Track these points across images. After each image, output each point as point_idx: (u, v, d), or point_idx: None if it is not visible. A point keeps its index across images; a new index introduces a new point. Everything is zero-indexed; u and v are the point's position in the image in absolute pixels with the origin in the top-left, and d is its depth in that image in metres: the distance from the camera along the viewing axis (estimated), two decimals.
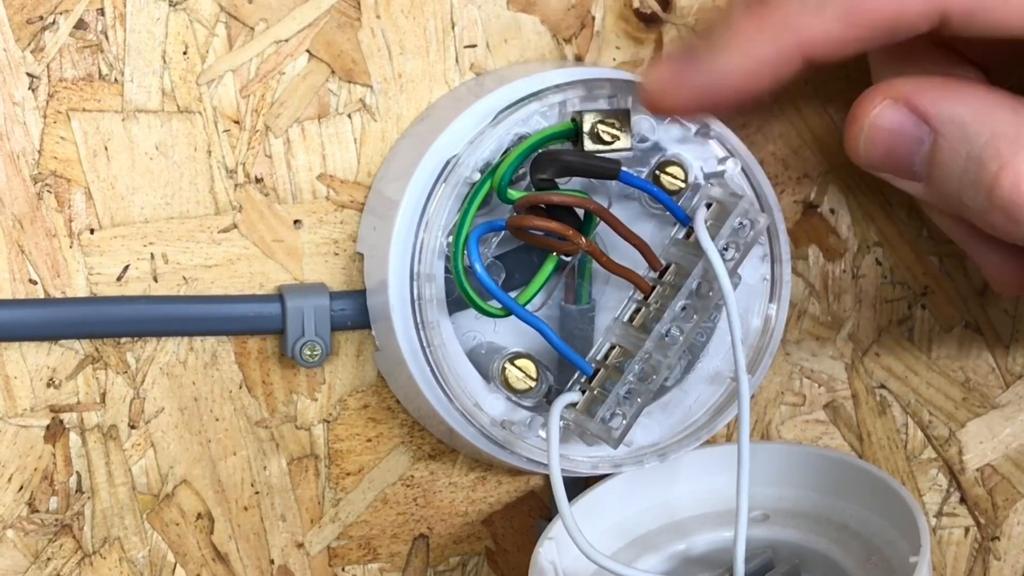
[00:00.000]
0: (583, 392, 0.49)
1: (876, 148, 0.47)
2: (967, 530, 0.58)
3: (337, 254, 0.51)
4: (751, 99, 0.46)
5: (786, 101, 0.54)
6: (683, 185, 0.50)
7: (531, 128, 0.48)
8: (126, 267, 0.50)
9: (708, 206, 0.49)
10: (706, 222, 0.48)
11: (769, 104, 0.54)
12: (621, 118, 0.48)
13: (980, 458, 0.58)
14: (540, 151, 0.48)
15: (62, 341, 0.50)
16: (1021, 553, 0.59)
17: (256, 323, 0.50)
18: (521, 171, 0.48)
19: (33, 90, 0.48)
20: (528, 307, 0.48)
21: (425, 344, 0.48)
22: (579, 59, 0.52)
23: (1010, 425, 0.58)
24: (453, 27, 0.51)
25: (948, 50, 0.47)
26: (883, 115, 0.46)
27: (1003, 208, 0.44)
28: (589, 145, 0.48)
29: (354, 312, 0.51)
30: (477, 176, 0.48)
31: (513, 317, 0.48)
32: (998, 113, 0.44)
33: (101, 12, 0.48)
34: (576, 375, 0.50)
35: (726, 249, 0.48)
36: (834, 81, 0.54)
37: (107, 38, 0.49)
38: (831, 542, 0.52)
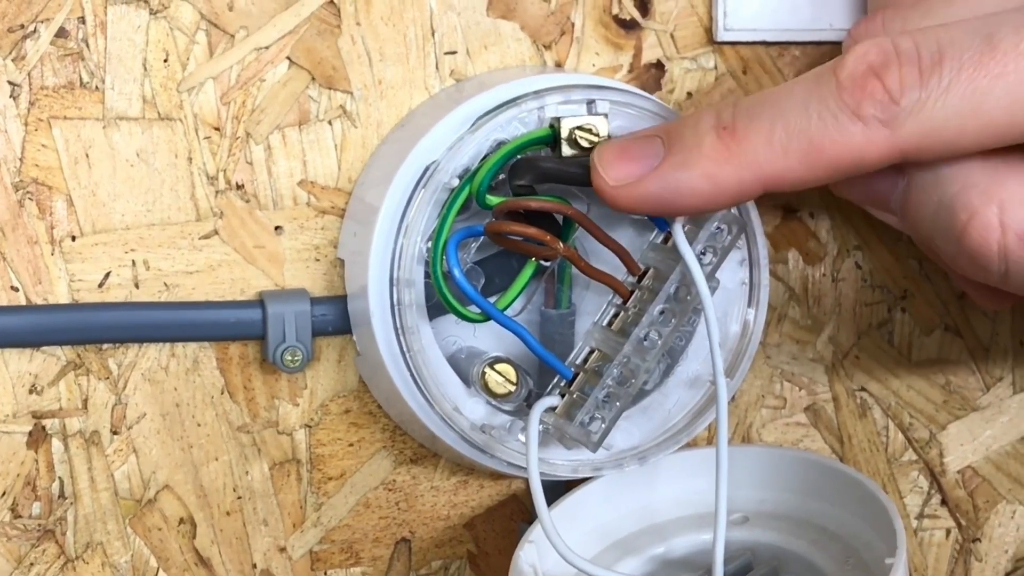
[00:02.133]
0: (563, 396, 0.49)
1: (854, 187, 0.48)
2: (948, 532, 0.59)
3: (318, 260, 0.52)
4: (704, 214, 0.48)
5: None
6: None
7: (510, 134, 0.48)
8: (107, 274, 0.50)
9: None
10: (684, 227, 0.48)
11: None
12: (599, 124, 0.48)
13: (961, 460, 0.58)
14: (519, 157, 0.48)
15: (44, 347, 0.50)
16: (1002, 555, 0.59)
17: (237, 329, 0.50)
18: (500, 177, 0.48)
19: (14, 98, 0.49)
20: (508, 312, 0.48)
21: (405, 349, 0.49)
22: (559, 65, 0.52)
23: (990, 427, 0.58)
24: (433, 34, 0.51)
25: None
26: None
27: (971, 256, 0.45)
28: (567, 151, 0.48)
29: (335, 318, 0.51)
30: (456, 182, 0.48)
31: (493, 322, 0.48)
32: (970, 162, 0.45)
33: (82, 20, 0.49)
34: (556, 379, 0.50)
35: (703, 254, 0.49)
36: None
37: (88, 46, 0.49)
38: (810, 544, 0.52)
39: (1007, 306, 0.54)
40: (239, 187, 0.51)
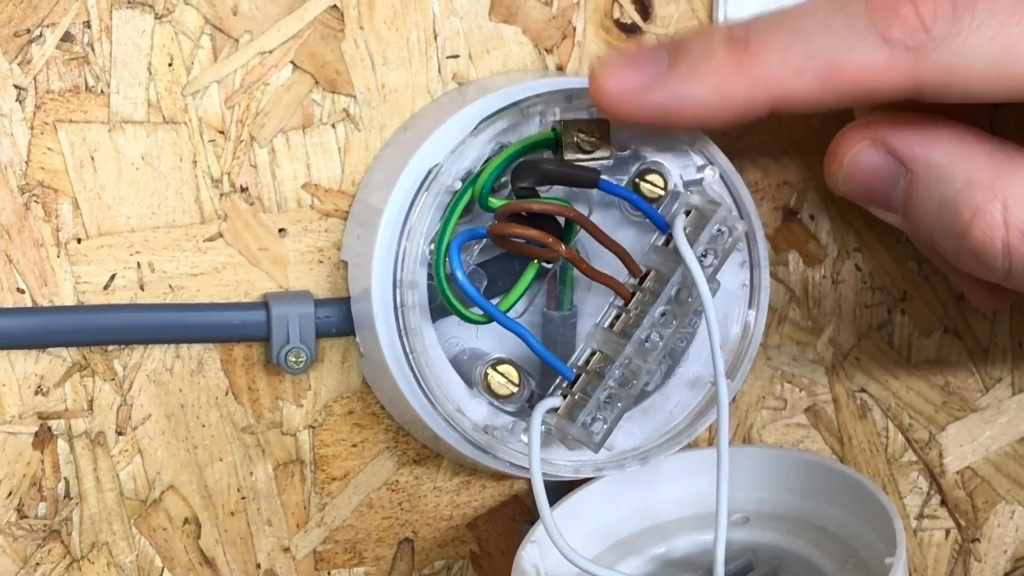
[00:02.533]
0: (565, 397, 0.49)
1: (855, 184, 0.48)
2: (948, 532, 0.59)
3: (322, 262, 0.52)
4: (705, 129, 0.47)
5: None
6: (662, 193, 0.50)
7: (512, 137, 0.49)
8: (113, 276, 0.50)
9: (687, 213, 0.49)
10: (685, 229, 0.49)
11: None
12: (601, 127, 0.49)
13: (960, 461, 0.58)
14: (521, 160, 0.48)
15: (50, 349, 0.50)
16: (1001, 555, 0.59)
17: (242, 330, 0.51)
18: (502, 180, 0.49)
19: (20, 102, 0.49)
20: (510, 313, 0.49)
21: (408, 351, 0.49)
22: (560, 69, 0.53)
23: (990, 428, 0.58)
24: (435, 38, 0.52)
25: None
26: (861, 155, 0.47)
27: (974, 253, 0.45)
28: (569, 154, 0.48)
29: (339, 319, 0.51)
30: (459, 185, 0.48)
31: (495, 324, 0.48)
32: (973, 158, 0.45)
33: (87, 25, 0.49)
34: (558, 380, 0.50)
35: (704, 256, 0.49)
36: None
37: (93, 50, 0.49)
38: (810, 544, 0.52)
39: (1006, 305, 0.54)
40: (243, 190, 0.51)
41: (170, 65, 0.50)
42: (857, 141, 0.47)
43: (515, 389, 0.50)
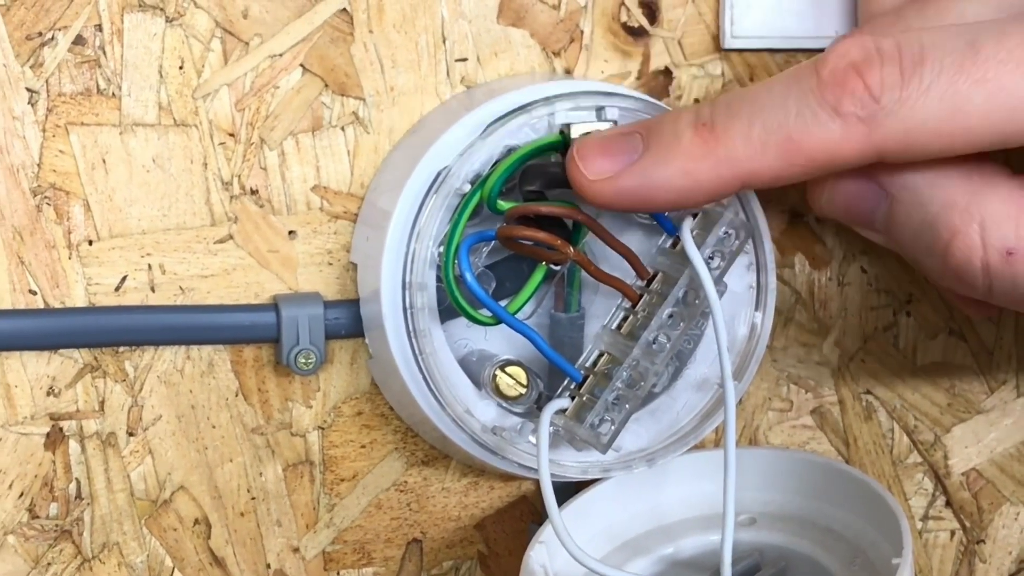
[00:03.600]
0: (572, 398, 0.50)
1: (837, 208, 0.48)
2: (953, 533, 0.59)
3: (331, 264, 0.52)
4: (680, 209, 0.48)
5: None
6: None
7: (520, 140, 0.49)
8: (124, 277, 0.50)
9: (694, 216, 0.49)
10: (692, 232, 0.49)
11: None
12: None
13: (965, 462, 0.59)
14: (529, 163, 0.49)
15: (61, 350, 0.50)
16: (1006, 556, 0.59)
17: (252, 332, 0.51)
18: (511, 182, 0.49)
19: (32, 104, 0.49)
20: (518, 315, 0.49)
21: (417, 352, 0.49)
22: (568, 72, 0.53)
23: (995, 430, 0.58)
24: (444, 41, 0.52)
25: None
26: (843, 181, 0.48)
27: (955, 273, 0.45)
28: None
29: (348, 321, 0.51)
30: (467, 187, 0.48)
31: (503, 325, 0.49)
32: (951, 180, 0.46)
33: (99, 28, 0.49)
34: (566, 382, 0.50)
35: (712, 258, 0.49)
36: None
37: (105, 53, 0.49)
38: (816, 545, 0.52)
39: (993, 314, 0.55)
40: (253, 192, 0.51)
41: (181, 68, 0.50)
42: None
43: (523, 390, 0.50)
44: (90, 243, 0.50)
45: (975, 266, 0.45)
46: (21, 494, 0.51)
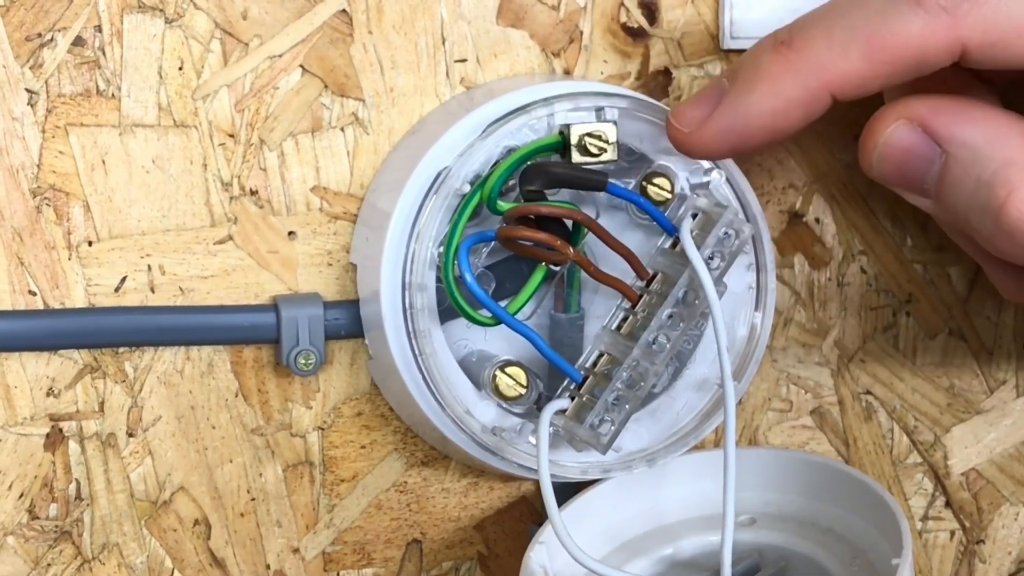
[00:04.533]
0: (572, 399, 0.50)
1: (888, 165, 0.47)
2: (952, 534, 0.59)
3: (331, 264, 0.52)
4: (781, 138, 0.47)
5: None
6: (669, 196, 0.51)
7: (520, 141, 0.49)
8: (124, 278, 0.51)
9: (694, 216, 0.49)
10: (692, 232, 0.49)
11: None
12: (608, 131, 0.49)
13: (965, 463, 0.58)
14: (529, 163, 0.49)
15: (61, 351, 0.50)
16: (1006, 556, 0.59)
17: (251, 332, 0.51)
18: (510, 183, 0.49)
19: (32, 105, 0.49)
20: (518, 316, 0.49)
21: (417, 353, 0.49)
22: (567, 73, 0.53)
23: (994, 430, 0.58)
24: (444, 42, 0.52)
25: (963, 70, 0.48)
26: (897, 134, 0.47)
27: (1010, 233, 0.45)
28: (577, 157, 0.49)
29: (347, 321, 0.51)
30: (467, 188, 0.48)
31: (503, 326, 0.49)
32: (1010, 139, 0.45)
33: (98, 29, 0.49)
34: (565, 382, 0.50)
35: (711, 258, 0.49)
36: None
37: (104, 54, 0.49)
38: (816, 545, 0.52)
39: None
40: (253, 193, 0.51)
41: (180, 69, 0.50)
42: (893, 120, 0.47)
43: (523, 391, 0.50)
44: (90, 244, 0.50)
45: None
46: (21, 495, 0.51)
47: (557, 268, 0.50)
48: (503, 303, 0.49)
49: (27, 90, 0.49)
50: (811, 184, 0.56)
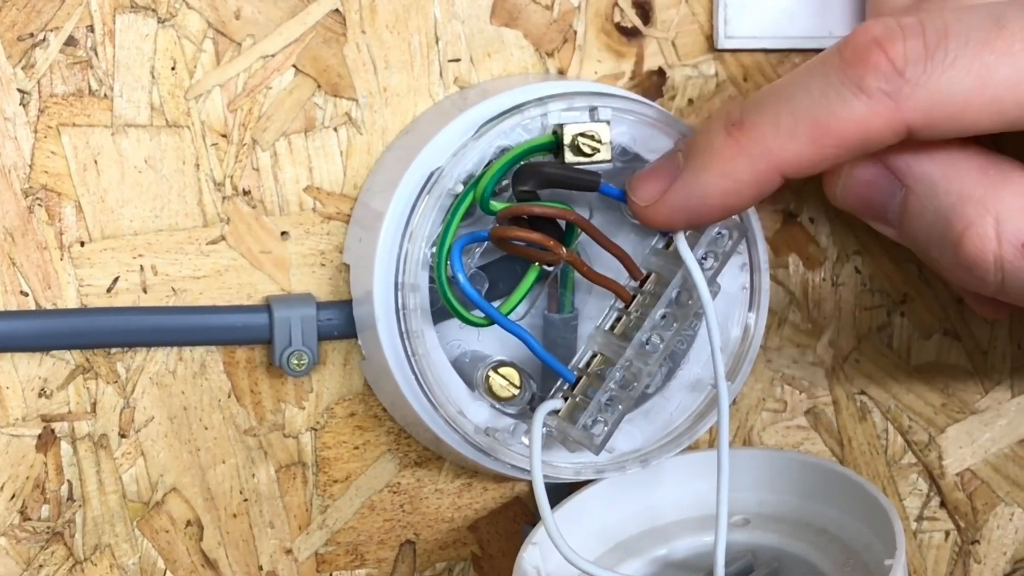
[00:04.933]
0: (566, 399, 0.50)
1: (852, 196, 0.49)
2: (947, 534, 0.59)
3: (324, 265, 0.52)
4: (734, 213, 0.48)
5: None
6: None
7: (513, 141, 0.49)
8: (116, 279, 0.50)
9: None
10: (685, 233, 0.49)
11: None
12: (601, 131, 0.49)
13: (960, 463, 0.59)
14: (522, 163, 0.48)
15: (53, 352, 0.50)
16: (1001, 556, 0.59)
17: (244, 333, 0.51)
18: (504, 183, 0.49)
19: (24, 105, 0.49)
20: (511, 316, 0.49)
21: (410, 353, 0.49)
22: (561, 73, 0.53)
23: (989, 430, 0.58)
24: (437, 42, 0.52)
25: None
26: (858, 169, 0.48)
27: (967, 266, 0.45)
28: (570, 157, 0.49)
29: (340, 322, 0.51)
30: (460, 188, 0.48)
31: (496, 326, 0.49)
32: (967, 173, 0.46)
33: (91, 29, 0.49)
34: (559, 383, 0.50)
35: (705, 258, 0.49)
36: None
37: (96, 54, 0.49)
38: (810, 546, 0.52)
39: (1005, 315, 0.55)
40: (246, 193, 0.51)
41: (173, 69, 0.50)
42: None
43: (516, 391, 0.50)
44: (82, 244, 0.50)
45: (987, 259, 0.45)
46: (12, 496, 0.51)
47: (550, 268, 0.50)
48: (496, 303, 0.49)
49: (19, 90, 0.49)
50: (805, 184, 0.55)
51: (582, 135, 0.49)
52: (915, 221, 0.47)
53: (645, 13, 0.53)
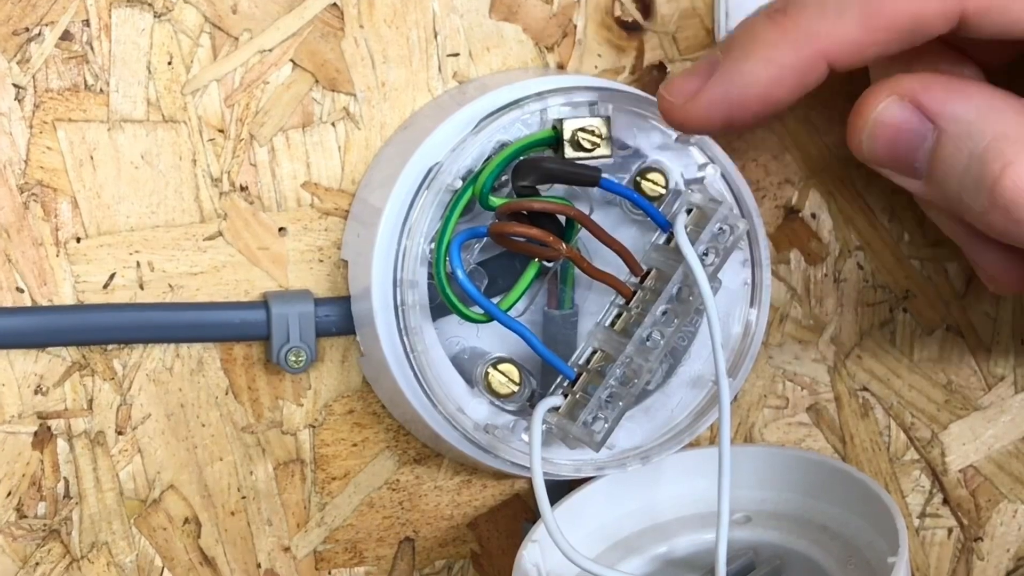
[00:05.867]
0: (566, 396, 0.49)
1: (879, 143, 0.47)
2: (950, 531, 0.59)
3: (322, 261, 0.52)
4: (775, 109, 0.46)
5: None
6: (663, 191, 0.50)
7: (513, 136, 0.49)
8: (112, 275, 0.50)
9: (688, 212, 0.49)
10: (686, 228, 0.49)
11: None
12: (601, 126, 0.49)
13: (963, 459, 0.58)
14: (521, 158, 0.48)
15: (49, 348, 0.50)
16: (1004, 553, 0.59)
17: (242, 330, 0.51)
18: (503, 178, 0.49)
19: (19, 100, 0.49)
20: (511, 312, 0.49)
21: (409, 350, 0.49)
22: (561, 67, 0.53)
23: (992, 427, 0.58)
24: (436, 36, 0.52)
25: (951, 49, 0.47)
26: (888, 110, 0.46)
27: (1004, 208, 0.44)
28: (570, 152, 0.48)
29: (339, 318, 0.51)
30: (459, 183, 0.48)
31: (496, 322, 0.48)
32: (1003, 114, 0.45)
33: (86, 23, 0.49)
34: (559, 379, 0.50)
35: (706, 254, 0.49)
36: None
37: (92, 49, 0.49)
38: (812, 543, 0.52)
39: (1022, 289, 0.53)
40: (243, 189, 0.51)
41: (169, 63, 0.50)
42: (884, 97, 0.46)
43: (516, 388, 0.50)
44: (78, 240, 0.50)
45: None
46: (9, 493, 0.51)
47: (550, 264, 0.50)
48: (496, 299, 0.49)
49: (14, 85, 0.49)
50: (807, 179, 0.55)
51: (582, 130, 0.48)
52: (947, 165, 0.45)
53: (645, 7, 0.53)
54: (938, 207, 0.50)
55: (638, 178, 0.50)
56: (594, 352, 0.50)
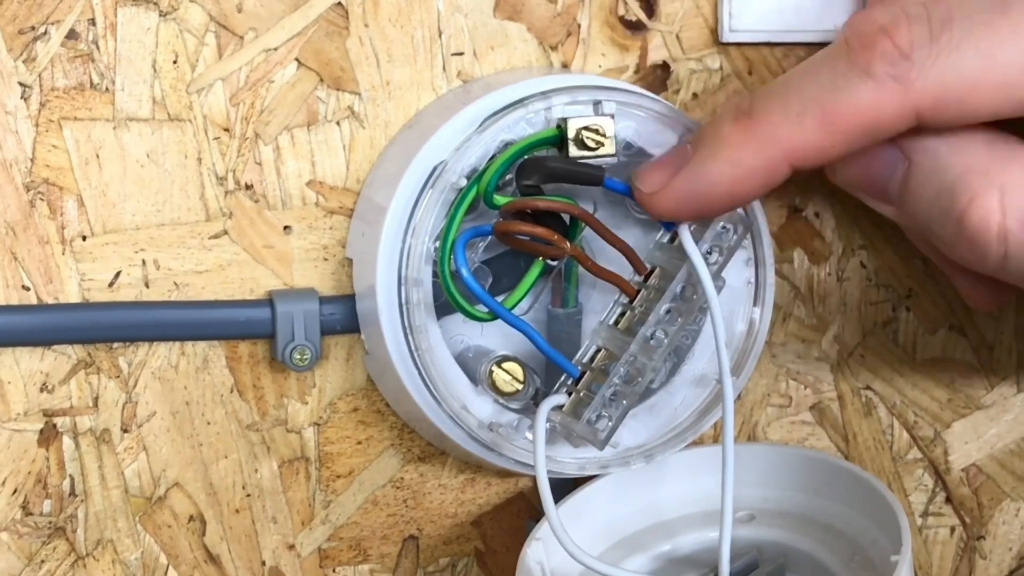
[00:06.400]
0: (569, 394, 0.50)
1: (852, 172, 0.48)
2: (953, 530, 0.59)
3: (327, 259, 0.52)
4: (741, 204, 0.48)
5: None
6: None
7: (517, 134, 0.49)
8: (118, 273, 0.50)
9: None
10: (690, 226, 0.49)
11: None
12: (605, 125, 0.49)
13: (965, 458, 0.58)
14: (526, 157, 0.48)
15: (55, 346, 0.50)
16: (1006, 552, 0.59)
17: (247, 328, 0.51)
18: (507, 177, 0.49)
19: (25, 99, 0.49)
20: (515, 311, 0.49)
21: (413, 348, 0.49)
22: (565, 66, 0.53)
23: (995, 426, 0.58)
24: (440, 35, 0.52)
25: None
26: None
27: (970, 239, 0.45)
28: (574, 151, 0.48)
29: (343, 316, 0.51)
30: (464, 182, 0.48)
31: (500, 321, 0.48)
32: (971, 147, 0.45)
33: (92, 22, 0.49)
34: (563, 378, 0.50)
35: (709, 253, 0.49)
36: None
37: (98, 48, 0.49)
38: (815, 542, 0.52)
39: (1004, 304, 0.54)
40: (248, 187, 0.51)
41: (175, 62, 0.50)
42: None
43: (520, 386, 0.50)
44: (84, 238, 0.50)
45: (991, 232, 0.45)
46: (14, 491, 0.51)
47: (554, 263, 0.50)
48: (500, 298, 0.49)
49: (20, 84, 0.49)
50: (810, 178, 0.55)
51: (586, 129, 0.48)
52: (917, 196, 0.46)
53: (649, 6, 0.53)
54: (915, 233, 0.51)
55: None
56: (598, 350, 0.50)
